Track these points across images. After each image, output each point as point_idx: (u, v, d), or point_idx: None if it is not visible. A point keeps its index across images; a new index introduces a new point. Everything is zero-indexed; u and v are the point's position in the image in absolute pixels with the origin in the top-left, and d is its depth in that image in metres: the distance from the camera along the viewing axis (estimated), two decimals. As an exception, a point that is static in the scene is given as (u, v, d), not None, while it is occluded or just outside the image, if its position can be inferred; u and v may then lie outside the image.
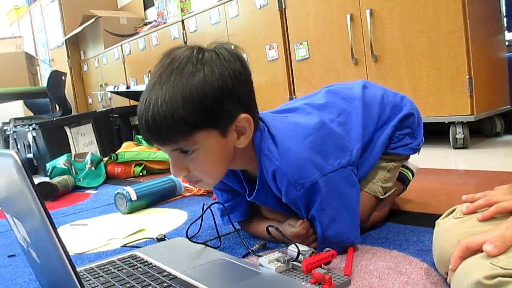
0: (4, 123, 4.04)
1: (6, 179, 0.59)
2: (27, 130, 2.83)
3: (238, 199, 0.98)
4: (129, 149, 2.36)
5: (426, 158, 1.72)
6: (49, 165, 2.17)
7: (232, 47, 0.80)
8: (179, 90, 0.71)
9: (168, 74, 0.73)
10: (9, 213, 0.70)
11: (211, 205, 0.97)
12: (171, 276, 0.77)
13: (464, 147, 1.85)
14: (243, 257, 0.88)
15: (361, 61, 2.13)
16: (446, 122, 1.89)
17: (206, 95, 0.72)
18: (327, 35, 2.26)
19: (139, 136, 2.48)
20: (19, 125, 3.32)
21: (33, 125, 2.75)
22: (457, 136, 1.85)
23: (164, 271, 0.80)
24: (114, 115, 3.04)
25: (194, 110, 0.71)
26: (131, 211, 1.44)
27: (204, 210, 0.96)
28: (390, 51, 2.01)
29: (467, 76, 1.78)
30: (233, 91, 0.74)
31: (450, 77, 1.83)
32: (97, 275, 0.82)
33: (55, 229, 0.47)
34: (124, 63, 4.04)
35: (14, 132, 3.15)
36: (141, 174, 2.23)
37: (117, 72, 4.15)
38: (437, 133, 2.02)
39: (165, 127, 0.72)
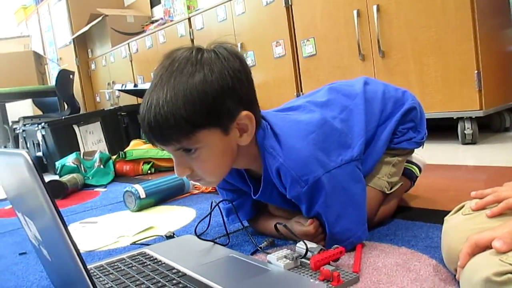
0: (14, 122, 4.08)
1: (17, 178, 0.59)
2: (36, 128, 2.86)
3: (242, 198, 0.98)
4: (137, 147, 2.37)
5: (434, 153, 1.71)
6: (58, 164, 2.19)
7: (237, 45, 0.81)
8: (179, 90, 0.72)
9: (169, 75, 0.74)
10: (20, 212, 0.71)
11: (219, 202, 0.98)
12: (180, 273, 0.78)
13: (472, 142, 1.84)
14: (252, 254, 0.88)
15: (368, 57, 2.12)
16: (454, 118, 1.87)
17: (206, 94, 0.72)
18: (334, 31, 2.25)
19: (147, 134, 2.50)
20: (28, 123, 3.35)
21: (42, 124, 2.77)
22: (465, 132, 1.84)
23: (173, 268, 0.81)
24: (122, 113, 3.06)
25: (195, 109, 0.72)
26: (140, 208, 1.45)
27: (212, 208, 0.96)
28: (398, 46, 1.99)
29: (476, 71, 1.76)
30: (233, 89, 0.75)
31: (459, 72, 1.81)
32: (107, 273, 0.83)
33: (66, 227, 0.48)
34: (131, 61, 4.05)
35: (23, 131, 3.18)
36: (149, 172, 2.25)
37: (124, 70, 4.17)
38: (446, 129, 2.00)
39: (167, 127, 0.72)
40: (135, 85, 3.23)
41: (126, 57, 4.10)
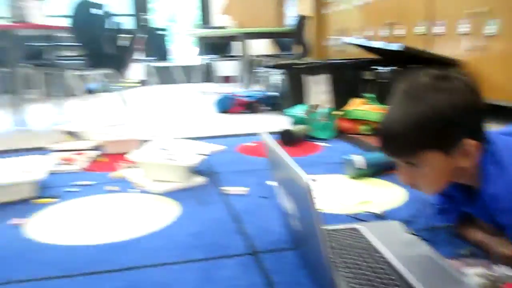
0: (254, 56, 4.71)
1: (293, 185, 0.81)
2: (273, 73, 3.32)
3: (452, 205, 1.08)
4: (357, 107, 2.52)
5: None
6: (290, 113, 2.50)
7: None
8: (412, 114, 0.86)
9: (406, 99, 0.89)
10: (284, 189, 0.95)
11: (434, 205, 1.11)
12: (384, 260, 0.93)
13: None
14: (450, 258, 0.96)
15: None
16: None
17: (435, 122, 0.85)
18: None
19: (368, 95, 2.62)
20: (267, 64, 3.87)
21: (280, 70, 3.19)
22: None
23: (379, 252, 0.97)
24: (349, 68, 3.18)
25: (423, 133, 0.86)
26: (357, 177, 1.61)
27: (426, 210, 1.10)
28: None
29: None
30: (462, 120, 0.85)
31: None
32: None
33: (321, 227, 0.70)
34: (364, 11, 4.07)
35: (264, 72, 3.72)
36: (366, 133, 2.37)
37: (354, 20, 4.23)
38: None
39: (397, 143, 0.90)
40: (367, 41, 3.31)
41: (359, 5, 4.12)
